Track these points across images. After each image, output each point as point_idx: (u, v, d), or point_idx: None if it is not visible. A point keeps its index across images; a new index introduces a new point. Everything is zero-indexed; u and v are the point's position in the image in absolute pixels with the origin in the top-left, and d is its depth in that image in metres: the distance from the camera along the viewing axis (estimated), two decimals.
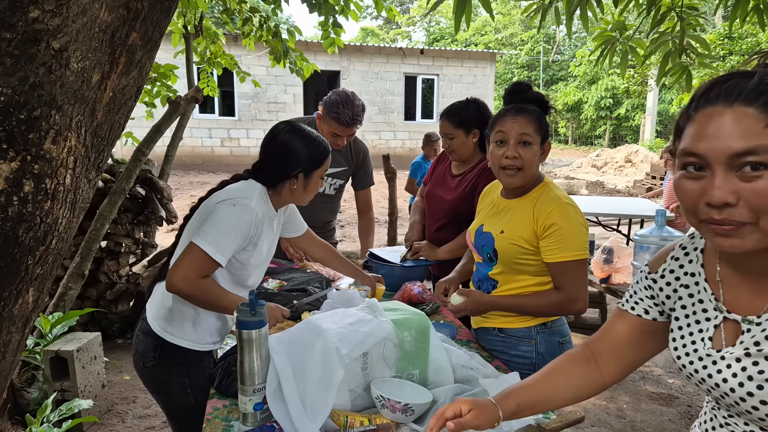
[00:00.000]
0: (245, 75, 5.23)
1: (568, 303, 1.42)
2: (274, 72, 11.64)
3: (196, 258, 1.32)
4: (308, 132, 1.50)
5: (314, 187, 1.53)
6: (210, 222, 1.34)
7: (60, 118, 1.07)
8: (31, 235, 1.01)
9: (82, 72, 1.12)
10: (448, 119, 2.08)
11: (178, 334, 1.43)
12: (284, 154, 1.47)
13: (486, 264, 1.58)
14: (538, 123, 1.45)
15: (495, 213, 1.59)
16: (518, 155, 1.45)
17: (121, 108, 1.29)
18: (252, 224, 1.37)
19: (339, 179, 2.42)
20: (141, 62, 1.30)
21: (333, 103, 2.19)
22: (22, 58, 1.02)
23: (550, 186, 1.51)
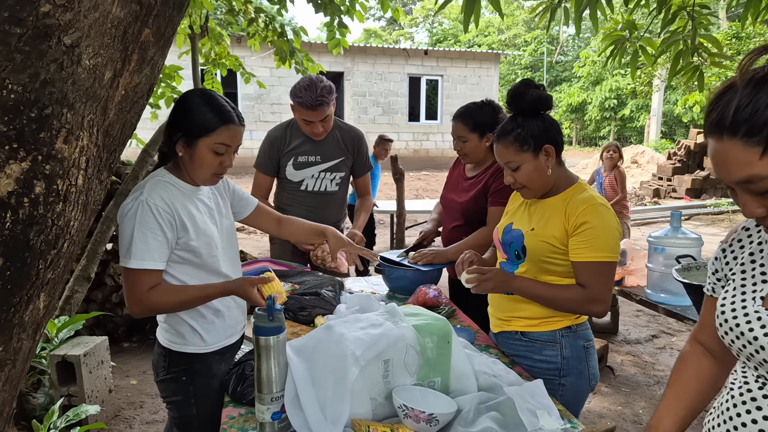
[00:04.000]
0: (250, 76, 5.21)
1: (589, 302, 1.38)
2: (277, 73, 11.61)
3: (131, 279, 1.25)
4: (212, 96, 1.32)
5: (202, 160, 1.30)
6: (120, 239, 1.26)
7: (72, 116, 1.03)
8: (42, 238, 0.97)
9: (94, 69, 1.08)
10: (462, 122, 2.03)
11: (179, 341, 1.38)
12: (174, 116, 1.32)
13: (511, 262, 1.54)
14: (518, 143, 1.43)
15: (526, 212, 1.55)
16: (513, 179, 1.47)
17: (133, 107, 1.25)
18: (157, 213, 1.25)
19: (339, 172, 2.35)
20: (153, 60, 1.26)
21: (296, 89, 2.15)
22: (32, 54, 0.98)
23: (584, 187, 1.47)
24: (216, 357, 1.39)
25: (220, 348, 1.40)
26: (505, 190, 2.00)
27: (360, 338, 1.17)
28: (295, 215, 2.30)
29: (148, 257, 1.24)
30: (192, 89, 1.37)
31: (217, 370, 1.38)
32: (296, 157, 2.27)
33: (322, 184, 2.32)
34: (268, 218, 1.69)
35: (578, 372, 1.48)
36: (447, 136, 13.68)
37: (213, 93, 1.35)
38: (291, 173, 2.28)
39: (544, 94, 1.46)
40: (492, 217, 2.02)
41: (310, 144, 2.28)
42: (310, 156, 2.28)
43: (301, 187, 2.30)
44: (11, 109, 0.95)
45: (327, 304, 1.83)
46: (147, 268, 1.25)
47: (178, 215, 1.30)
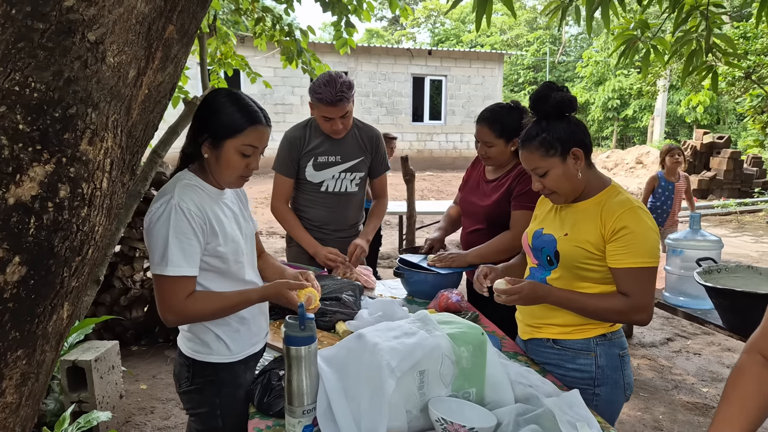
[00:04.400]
0: (256, 76, 5.16)
1: (634, 311, 1.32)
2: (281, 73, 11.57)
3: (167, 287, 1.21)
4: (239, 96, 1.28)
5: (229, 162, 1.26)
6: (152, 246, 1.21)
7: (96, 116, 0.98)
8: (67, 245, 0.92)
9: (118, 67, 1.03)
10: (489, 127, 1.97)
11: (204, 350, 1.33)
12: (200, 116, 1.28)
13: (543, 268, 1.49)
14: (544, 148, 1.37)
15: (556, 217, 1.50)
16: (542, 185, 1.42)
17: (156, 106, 1.20)
18: (190, 217, 1.21)
19: (358, 172, 2.30)
20: (177, 57, 1.21)
21: (315, 86, 2.10)
22: (56, 50, 0.93)
23: (618, 189, 1.42)
24: (241, 366, 1.34)
25: (245, 357, 1.35)
26: (529, 194, 1.95)
27: (395, 348, 1.12)
28: (315, 217, 2.27)
29: (185, 264, 1.20)
30: (218, 89, 1.32)
31: (243, 379, 1.33)
32: (316, 157, 2.22)
33: (342, 185, 2.27)
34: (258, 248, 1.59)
35: (613, 381, 1.43)
36: (451, 137, 13.63)
37: (240, 93, 1.31)
38: (311, 174, 2.23)
39: (568, 96, 1.41)
40: (516, 222, 1.97)
41: (329, 144, 2.23)
42: (330, 156, 2.23)
43: (321, 188, 2.25)
44: (35, 109, 0.90)
45: (348, 309, 1.78)
46: (184, 275, 1.20)
47: (208, 220, 1.26)
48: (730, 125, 19.04)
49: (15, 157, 0.86)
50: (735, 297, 2.32)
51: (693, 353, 3.61)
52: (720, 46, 2.87)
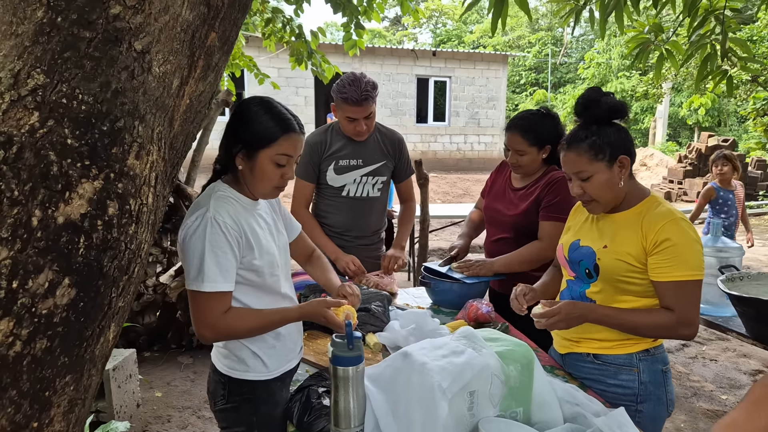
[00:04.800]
0: (264, 77, 5.12)
1: (679, 326, 1.29)
2: (285, 74, 11.52)
3: (203, 303, 1.17)
4: (271, 104, 1.25)
5: (264, 173, 1.22)
6: (187, 261, 1.18)
7: (143, 129, 0.95)
8: (116, 264, 0.88)
9: (163, 77, 0.99)
10: (522, 135, 1.92)
11: (240, 367, 1.29)
12: (232, 126, 1.25)
13: (582, 281, 1.45)
14: (593, 151, 1.33)
15: (593, 227, 1.46)
16: (582, 190, 1.37)
17: (196, 117, 1.17)
18: (226, 231, 1.17)
19: (380, 176, 2.26)
20: (218, 66, 1.17)
21: (339, 85, 2.07)
22: (102, 60, 0.90)
23: (659, 200, 1.38)
24: (278, 383, 1.30)
25: (282, 373, 1.31)
26: (559, 205, 1.91)
27: (445, 368, 1.08)
28: (336, 223, 2.23)
29: (221, 279, 1.16)
30: (250, 97, 1.28)
31: (279, 397, 1.29)
32: (337, 161, 2.18)
33: (364, 189, 2.23)
34: (303, 249, 1.58)
35: (656, 398, 1.40)
36: (455, 138, 13.59)
37: (271, 100, 1.27)
38: (332, 178, 2.19)
39: (620, 102, 1.37)
40: (545, 232, 1.93)
41: (351, 147, 2.20)
42: (351, 159, 2.20)
43: (343, 192, 2.21)
44: (83, 122, 0.86)
45: (378, 320, 1.74)
46: (221, 291, 1.17)
47: (244, 233, 1.22)
48: (731, 127, 19.04)
49: (64, 173, 0.82)
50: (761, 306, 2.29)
51: (709, 359, 3.58)
52: (735, 50, 2.85)
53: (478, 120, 13.69)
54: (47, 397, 0.81)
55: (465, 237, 2.24)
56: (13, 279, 0.77)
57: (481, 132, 13.76)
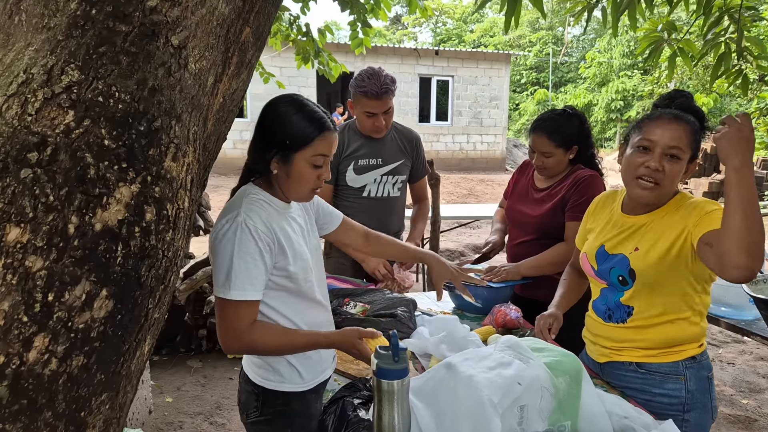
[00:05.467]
0: (270, 76, 5.06)
1: None
2: (287, 73, 11.45)
3: (230, 311, 1.12)
4: (303, 103, 1.18)
5: (301, 176, 1.17)
6: (217, 266, 1.13)
7: (180, 129, 0.89)
8: (153, 273, 0.82)
9: (199, 74, 0.93)
10: (548, 137, 1.87)
11: (274, 378, 1.23)
12: (263, 129, 1.19)
13: (615, 289, 1.40)
14: (693, 136, 1.27)
15: (619, 232, 1.40)
16: (662, 168, 1.26)
17: (229, 116, 1.11)
18: (257, 236, 1.11)
19: (400, 175, 2.21)
20: (251, 63, 1.11)
21: (358, 78, 2.02)
22: (139, 56, 0.84)
23: (688, 195, 1.34)
24: (313, 395, 1.25)
25: (317, 384, 1.26)
26: (584, 204, 1.85)
27: (493, 381, 1.03)
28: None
29: (250, 287, 1.11)
30: (279, 97, 1.21)
31: (314, 409, 1.24)
32: (357, 161, 2.13)
33: (384, 189, 2.18)
34: (355, 233, 1.52)
35: (702, 406, 1.35)
36: (457, 137, 13.53)
37: (302, 98, 1.21)
38: (352, 179, 2.14)
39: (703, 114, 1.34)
40: (572, 233, 1.87)
41: (369, 146, 2.15)
42: (371, 159, 2.14)
43: (363, 193, 2.16)
44: (120, 122, 0.80)
45: (404, 326, 1.68)
46: (249, 299, 1.12)
47: (276, 238, 1.16)
48: None
49: (101, 177, 0.77)
50: None
51: (727, 363, 3.53)
52: (750, 49, 2.82)
53: (481, 119, 13.63)
54: (83, 417, 0.76)
55: (498, 233, 2.18)
56: (48, 291, 0.71)
57: (483, 131, 13.70)
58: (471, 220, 5.95)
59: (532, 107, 21.55)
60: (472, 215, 5.08)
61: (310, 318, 1.26)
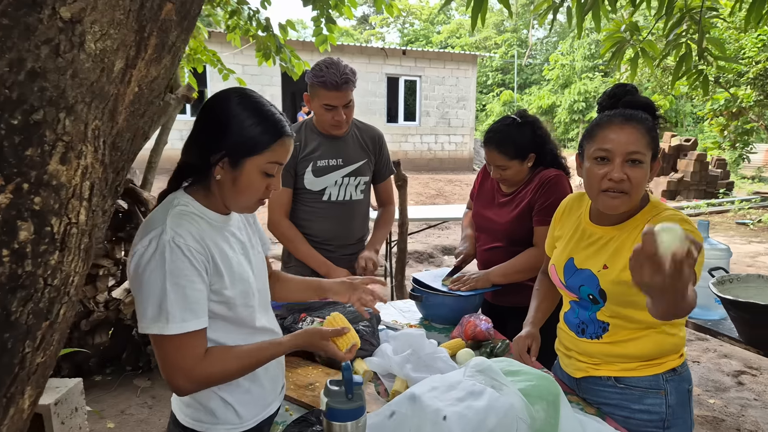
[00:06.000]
0: (229, 72, 4.83)
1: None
2: (250, 71, 11.13)
3: (173, 349, 0.95)
4: (258, 101, 1.04)
5: (250, 184, 1.02)
6: (144, 298, 0.94)
7: (71, 124, 0.71)
8: (31, 308, 0.65)
9: (101, 56, 0.76)
10: (499, 151, 1.77)
11: (207, 419, 1.06)
12: (210, 127, 1.02)
13: (587, 305, 1.30)
14: (650, 136, 1.17)
15: (587, 244, 1.30)
16: (626, 177, 1.16)
17: (148, 109, 0.93)
18: (190, 255, 0.96)
19: (363, 176, 2.05)
20: (175, 46, 0.94)
21: (316, 69, 1.85)
22: (14, 31, 0.66)
23: (659, 204, 1.25)
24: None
25: (259, 422, 1.09)
26: (552, 207, 1.76)
27: (463, 416, 0.89)
28: (317, 232, 1.99)
29: (191, 315, 0.94)
30: (228, 91, 1.05)
31: None
32: (315, 162, 1.96)
33: (346, 192, 2.01)
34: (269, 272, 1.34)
35: (683, 421, 1.26)
36: (426, 138, 13.49)
37: (256, 96, 1.05)
38: (311, 181, 1.96)
39: (654, 104, 1.24)
40: (542, 238, 1.78)
41: (329, 145, 1.98)
42: (330, 159, 1.97)
43: (324, 197, 1.99)
44: None
45: (366, 343, 1.54)
46: (192, 330, 0.94)
47: (212, 257, 1.00)
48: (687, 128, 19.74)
49: None
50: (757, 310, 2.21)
51: (692, 361, 3.54)
52: (710, 50, 2.84)
53: (449, 120, 13.63)
54: None
55: (468, 240, 2.05)
56: None
57: (451, 132, 13.71)
58: (439, 222, 5.85)
59: (499, 108, 21.81)
60: (440, 217, 4.98)
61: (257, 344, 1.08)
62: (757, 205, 9.58)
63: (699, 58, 2.82)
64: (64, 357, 2.93)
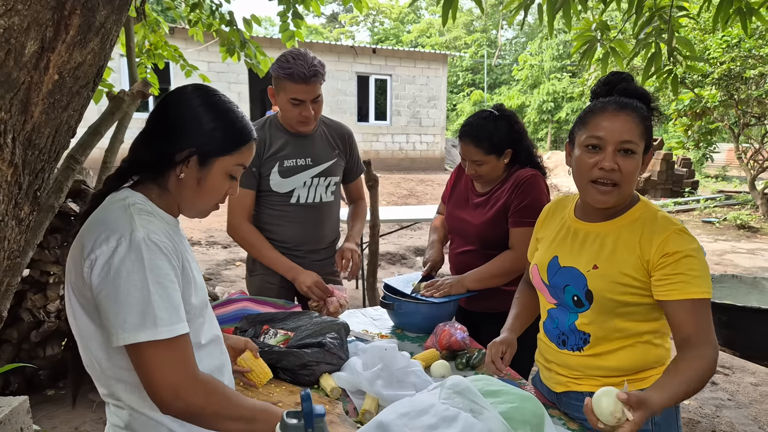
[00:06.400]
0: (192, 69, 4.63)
1: (715, 359, 1.07)
2: (216, 68, 10.82)
3: (161, 357, 0.85)
4: (231, 103, 1.01)
5: (214, 186, 0.99)
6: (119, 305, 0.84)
7: None
8: None
9: (7, 35, 0.63)
10: (475, 145, 1.70)
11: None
12: (176, 123, 0.96)
13: (567, 310, 1.22)
14: (644, 125, 1.11)
15: (573, 241, 1.23)
16: (617, 167, 1.10)
17: (72, 101, 0.80)
18: (168, 253, 0.89)
19: (333, 176, 1.94)
20: (105, 28, 0.81)
21: (282, 60, 1.72)
22: None
23: (650, 203, 1.19)
24: None
25: None
26: (529, 208, 1.71)
27: None
28: (285, 237, 1.86)
29: (177, 318, 0.86)
30: (190, 86, 0.98)
31: None
32: (281, 162, 1.83)
33: (316, 194, 1.89)
34: None
35: None
36: (397, 137, 13.43)
37: (222, 94, 1.01)
38: (277, 183, 1.83)
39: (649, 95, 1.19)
40: (518, 240, 1.72)
41: (295, 144, 1.85)
42: (298, 159, 1.84)
43: (291, 199, 1.86)
44: None
45: (334, 357, 1.43)
46: (179, 334, 0.85)
47: (183, 259, 0.93)
48: None
49: None
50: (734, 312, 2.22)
51: None
52: (680, 50, 2.87)
53: (420, 119, 13.61)
54: None
55: (436, 245, 1.96)
56: None
57: (422, 131, 13.69)
58: (412, 223, 5.78)
59: (469, 108, 21.98)
60: (412, 217, 4.91)
61: (206, 365, 0.98)
62: (722, 203, 9.89)
63: (669, 57, 2.83)
64: (13, 371, 2.71)
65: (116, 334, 0.84)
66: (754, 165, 8.98)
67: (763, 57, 7.29)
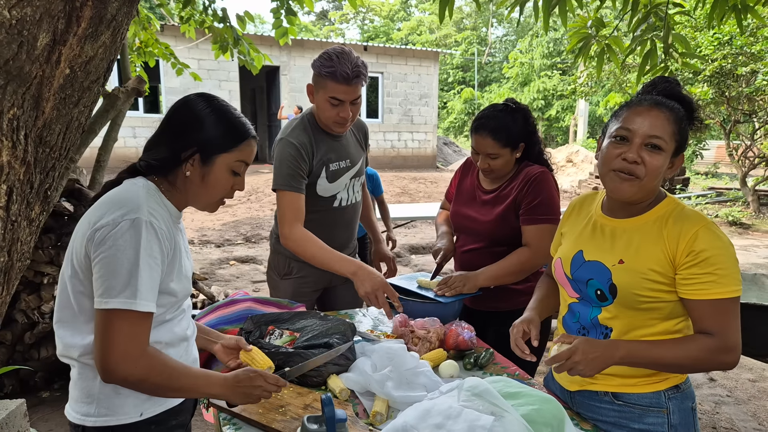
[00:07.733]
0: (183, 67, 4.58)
1: (724, 352, 1.07)
2: (206, 66, 10.72)
3: (127, 326, 0.94)
4: (226, 105, 1.11)
5: (217, 182, 1.09)
6: (108, 269, 0.94)
7: None
8: None
9: (19, 28, 0.60)
10: (493, 137, 1.67)
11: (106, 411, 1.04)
12: (181, 125, 1.08)
13: (590, 304, 1.21)
14: (677, 125, 1.11)
15: (599, 236, 1.22)
16: (640, 160, 1.09)
17: (83, 96, 0.77)
18: (162, 240, 1.00)
19: (362, 175, 1.93)
20: (116, 20, 0.78)
21: (324, 57, 1.66)
22: None
23: (677, 200, 1.18)
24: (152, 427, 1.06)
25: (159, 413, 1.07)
26: (541, 205, 1.70)
27: None
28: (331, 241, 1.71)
29: (152, 297, 0.96)
30: (196, 95, 1.10)
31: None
32: (328, 165, 1.77)
33: (353, 194, 1.86)
34: None
35: None
36: (388, 135, 13.41)
37: (220, 99, 1.12)
38: (324, 188, 1.77)
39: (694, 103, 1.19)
40: (532, 237, 1.70)
41: (335, 146, 1.80)
42: (340, 162, 1.80)
43: (335, 203, 1.81)
44: None
45: (341, 358, 1.41)
46: (142, 310, 0.95)
47: (174, 246, 1.04)
48: None
49: None
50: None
51: None
52: (675, 47, 2.89)
53: (412, 117, 13.60)
54: None
55: (446, 236, 1.93)
56: None
57: (414, 129, 13.68)
58: (406, 221, 5.77)
59: (460, 106, 22.01)
60: (406, 216, 4.89)
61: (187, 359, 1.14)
62: (713, 200, 10.00)
63: (665, 54, 2.84)
64: (8, 374, 2.66)
65: (98, 296, 0.93)
66: (744, 162, 9.09)
67: (755, 54, 7.37)
